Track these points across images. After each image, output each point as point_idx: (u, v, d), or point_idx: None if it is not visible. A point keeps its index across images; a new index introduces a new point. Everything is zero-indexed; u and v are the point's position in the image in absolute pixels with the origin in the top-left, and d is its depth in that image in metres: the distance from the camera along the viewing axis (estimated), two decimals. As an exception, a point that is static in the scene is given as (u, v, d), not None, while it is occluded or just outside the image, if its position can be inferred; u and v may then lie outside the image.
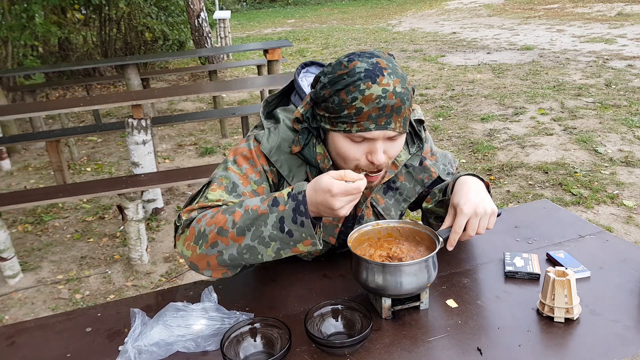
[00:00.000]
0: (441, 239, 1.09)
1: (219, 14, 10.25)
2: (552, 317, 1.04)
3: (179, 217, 1.12)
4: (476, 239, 1.38)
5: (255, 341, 1.01)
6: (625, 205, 3.47)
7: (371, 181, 1.15)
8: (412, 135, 1.28)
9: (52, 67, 5.87)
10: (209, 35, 8.89)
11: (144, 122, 3.47)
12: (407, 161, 1.29)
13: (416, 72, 7.83)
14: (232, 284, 1.25)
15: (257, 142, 1.20)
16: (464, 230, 1.13)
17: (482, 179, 1.24)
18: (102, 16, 8.98)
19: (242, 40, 12.60)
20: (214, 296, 1.12)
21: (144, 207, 3.56)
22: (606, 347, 0.97)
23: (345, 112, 1.05)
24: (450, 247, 1.15)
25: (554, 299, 1.03)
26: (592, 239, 1.35)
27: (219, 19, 10.09)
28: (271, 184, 1.20)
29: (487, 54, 8.67)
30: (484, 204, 1.13)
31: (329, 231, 1.28)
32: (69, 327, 1.13)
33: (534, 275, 1.19)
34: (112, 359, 1.00)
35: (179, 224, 1.11)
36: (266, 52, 5.10)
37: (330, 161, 1.16)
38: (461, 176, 1.23)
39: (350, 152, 1.10)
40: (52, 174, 4.51)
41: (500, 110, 5.67)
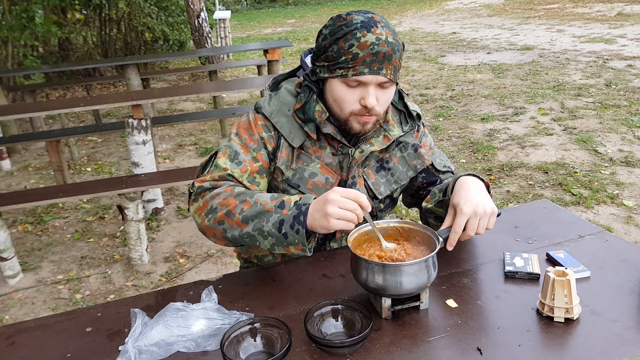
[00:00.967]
0: (441, 239, 1.09)
1: (219, 14, 10.25)
2: (552, 317, 1.04)
3: (192, 184, 1.25)
4: (476, 239, 1.38)
5: (255, 341, 1.01)
6: (625, 205, 3.47)
7: (365, 122, 1.23)
8: (405, 115, 1.39)
9: (52, 67, 5.87)
10: (209, 35, 8.88)
11: (144, 122, 3.47)
12: (400, 138, 1.37)
13: (416, 72, 7.83)
14: (232, 284, 1.25)
15: (256, 113, 1.32)
16: (464, 230, 1.14)
17: (482, 179, 1.24)
18: (102, 16, 8.98)
19: (242, 40, 12.61)
20: (214, 296, 1.12)
21: (144, 207, 3.56)
22: (606, 347, 0.97)
23: (342, 58, 1.16)
24: (450, 247, 1.15)
25: (553, 299, 1.03)
26: (592, 239, 1.35)
27: (219, 19, 10.09)
28: (269, 150, 1.29)
29: (487, 54, 8.67)
30: (483, 204, 1.14)
31: None
32: (69, 327, 1.13)
33: (533, 275, 1.19)
34: (112, 359, 1.00)
35: (192, 191, 1.25)
36: (266, 52, 5.09)
37: (327, 114, 1.26)
38: (461, 176, 1.23)
39: (346, 96, 1.20)
40: (52, 174, 4.51)
41: (500, 110, 5.67)
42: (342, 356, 0.98)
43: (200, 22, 8.70)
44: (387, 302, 1.07)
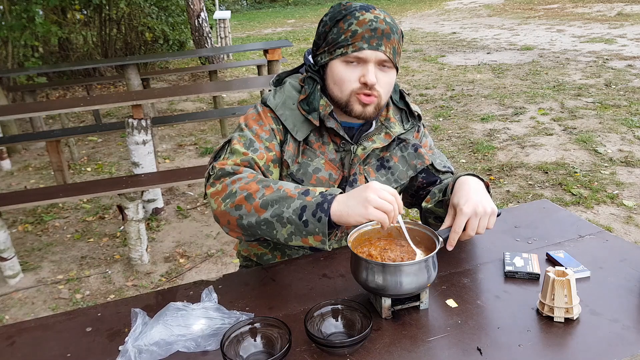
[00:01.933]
0: (441, 239, 1.09)
1: (219, 14, 10.25)
2: (552, 317, 1.04)
3: (212, 167, 1.21)
4: (476, 239, 1.38)
5: (255, 341, 1.01)
6: (625, 205, 3.47)
7: (366, 103, 1.23)
8: (406, 114, 1.40)
9: (53, 67, 5.87)
10: (209, 35, 8.88)
11: (144, 122, 3.47)
12: (402, 135, 1.38)
13: (416, 72, 7.83)
14: (232, 283, 1.25)
15: (264, 105, 1.32)
16: (464, 230, 1.14)
17: (482, 179, 1.24)
18: (102, 16, 8.98)
19: (242, 40, 12.60)
20: (214, 296, 1.12)
21: (144, 207, 3.56)
22: (606, 347, 0.97)
23: (342, 37, 1.20)
24: (450, 247, 1.15)
25: (553, 299, 1.03)
26: (592, 239, 1.35)
27: (219, 19, 10.08)
28: (279, 142, 1.29)
29: (487, 54, 8.67)
30: (483, 204, 1.14)
31: None
32: (69, 327, 1.13)
33: (533, 275, 1.19)
34: (112, 358, 1.00)
35: (211, 174, 1.20)
36: (266, 52, 5.09)
37: (331, 107, 1.26)
38: (461, 176, 1.24)
39: (345, 75, 1.22)
40: (52, 174, 4.51)
41: (500, 110, 5.67)
42: (342, 356, 0.98)
43: (200, 22, 8.70)
44: (387, 302, 1.07)
